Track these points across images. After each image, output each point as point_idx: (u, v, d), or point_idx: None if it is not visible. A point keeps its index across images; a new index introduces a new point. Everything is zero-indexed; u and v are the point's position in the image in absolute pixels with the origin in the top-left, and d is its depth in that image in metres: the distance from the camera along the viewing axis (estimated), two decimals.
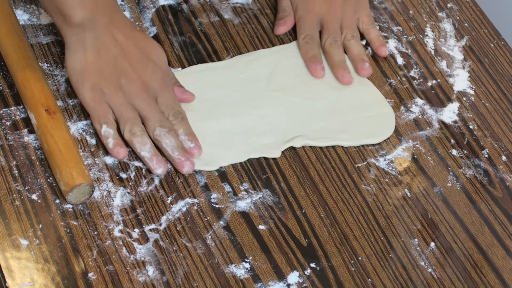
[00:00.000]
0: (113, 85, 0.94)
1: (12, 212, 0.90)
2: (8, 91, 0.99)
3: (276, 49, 1.08)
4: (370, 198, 0.96)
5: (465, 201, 0.98)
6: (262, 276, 0.89)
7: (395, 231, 0.94)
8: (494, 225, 0.96)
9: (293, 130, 1.00)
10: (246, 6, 1.12)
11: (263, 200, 0.94)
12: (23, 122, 0.96)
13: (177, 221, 0.92)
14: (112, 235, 0.90)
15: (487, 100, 1.07)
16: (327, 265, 0.91)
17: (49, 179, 0.92)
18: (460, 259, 0.93)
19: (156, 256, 0.89)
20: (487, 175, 1.00)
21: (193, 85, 1.02)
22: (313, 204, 0.95)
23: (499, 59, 1.12)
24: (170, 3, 1.10)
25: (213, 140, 0.98)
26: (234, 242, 0.91)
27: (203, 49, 1.07)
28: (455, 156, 1.01)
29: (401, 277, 0.91)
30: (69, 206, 0.91)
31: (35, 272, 0.86)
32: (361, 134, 1.01)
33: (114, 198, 0.92)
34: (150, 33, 1.07)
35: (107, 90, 0.94)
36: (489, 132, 1.04)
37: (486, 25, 1.14)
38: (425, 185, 0.98)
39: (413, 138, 1.02)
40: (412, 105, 1.05)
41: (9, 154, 0.94)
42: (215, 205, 0.93)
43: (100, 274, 0.87)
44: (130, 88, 0.94)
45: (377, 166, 0.99)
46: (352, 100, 1.04)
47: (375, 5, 1.14)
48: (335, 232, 0.93)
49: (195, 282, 0.88)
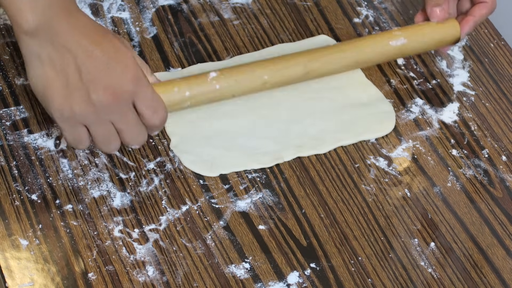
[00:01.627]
0: (82, 102, 0.84)
1: (12, 212, 0.90)
2: (8, 91, 0.99)
3: (276, 49, 1.08)
4: (370, 198, 0.96)
5: (465, 201, 0.98)
6: (262, 276, 0.89)
7: (395, 231, 0.94)
8: (494, 225, 0.96)
9: (293, 132, 1.00)
10: (246, 6, 1.12)
11: (263, 200, 0.94)
12: (23, 122, 0.96)
13: (177, 221, 0.92)
14: (112, 235, 0.90)
15: (487, 100, 1.07)
16: (327, 265, 0.91)
17: (49, 179, 0.92)
18: (460, 259, 0.93)
19: (156, 256, 0.89)
20: (487, 175, 1.00)
21: None
22: (313, 204, 0.95)
23: (499, 59, 1.11)
24: (170, 3, 1.10)
25: (214, 141, 0.98)
26: (234, 242, 0.91)
27: (203, 49, 1.07)
28: (455, 156, 1.01)
29: (401, 277, 0.91)
30: (69, 206, 0.91)
31: (35, 272, 0.86)
32: (361, 130, 1.01)
33: (114, 198, 0.92)
34: (150, 33, 1.07)
35: (78, 109, 0.84)
36: (489, 132, 1.04)
37: (486, 25, 1.14)
38: (425, 185, 0.98)
39: (413, 138, 1.02)
40: (412, 105, 1.05)
41: (9, 154, 0.94)
42: (215, 205, 0.93)
43: (100, 274, 0.87)
44: (102, 101, 0.84)
45: (377, 166, 0.99)
46: (352, 99, 1.04)
47: (375, 5, 1.14)
48: (335, 232, 0.93)
49: (195, 282, 0.88)
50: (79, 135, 0.86)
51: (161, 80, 0.92)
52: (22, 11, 0.82)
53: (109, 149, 0.88)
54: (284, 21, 1.11)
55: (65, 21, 0.84)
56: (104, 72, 0.84)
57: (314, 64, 0.97)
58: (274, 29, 1.10)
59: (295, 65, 0.97)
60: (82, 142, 0.87)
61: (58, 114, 0.85)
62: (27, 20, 0.82)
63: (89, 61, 0.84)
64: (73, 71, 0.84)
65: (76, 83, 0.84)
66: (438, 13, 1.02)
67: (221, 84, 0.94)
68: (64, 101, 0.84)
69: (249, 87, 0.95)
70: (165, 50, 1.06)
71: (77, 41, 0.84)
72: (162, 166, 0.95)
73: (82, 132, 0.86)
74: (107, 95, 0.84)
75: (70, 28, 0.84)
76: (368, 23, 1.12)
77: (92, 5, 1.08)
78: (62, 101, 0.84)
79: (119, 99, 0.85)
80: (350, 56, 0.99)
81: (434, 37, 1.02)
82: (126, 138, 0.87)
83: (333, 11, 1.13)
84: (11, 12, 0.82)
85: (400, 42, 1.00)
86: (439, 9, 1.02)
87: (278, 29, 1.10)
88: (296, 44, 1.09)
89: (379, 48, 1.00)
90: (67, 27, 0.84)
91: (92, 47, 0.84)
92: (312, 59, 0.97)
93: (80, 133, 0.86)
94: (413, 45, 1.01)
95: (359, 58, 1.00)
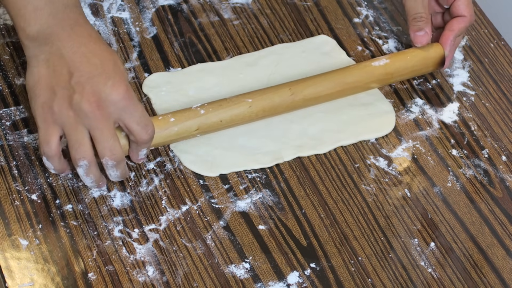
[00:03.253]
0: (65, 102, 0.86)
1: (12, 212, 0.90)
2: (8, 91, 0.99)
3: (276, 49, 1.08)
4: (370, 198, 0.96)
5: (465, 201, 0.98)
6: (262, 276, 0.89)
7: (395, 231, 0.94)
8: (494, 225, 0.96)
9: (293, 132, 1.00)
10: (246, 6, 1.12)
11: (263, 200, 0.94)
12: (23, 122, 0.96)
13: (177, 221, 0.92)
14: (112, 235, 0.90)
15: (487, 100, 1.07)
16: (327, 265, 0.91)
17: (49, 179, 0.92)
18: (460, 259, 0.93)
19: (156, 256, 0.89)
20: (487, 175, 1.00)
21: (193, 85, 1.02)
22: (313, 204, 0.95)
23: (499, 59, 1.11)
24: (170, 3, 1.10)
25: (214, 141, 0.98)
26: (234, 242, 0.91)
27: (203, 49, 1.07)
28: (455, 156, 1.01)
29: (401, 277, 0.91)
30: (69, 207, 0.91)
31: (35, 272, 0.86)
32: (361, 130, 1.01)
33: (114, 198, 0.92)
34: (150, 33, 1.07)
35: (57, 109, 0.86)
36: (489, 132, 1.04)
37: (486, 25, 1.14)
38: (425, 185, 0.98)
39: (413, 138, 1.02)
40: (412, 105, 1.05)
41: (9, 154, 0.94)
42: (215, 205, 0.93)
43: (100, 274, 0.87)
44: (82, 105, 0.85)
45: (377, 166, 0.99)
46: (351, 99, 1.04)
47: (375, 5, 1.14)
48: (335, 232, 0.93)
49: (195, 282, 0.88)
50: (50, 136, 0.87)
51: None
52: (25, 19, 0.86)
53: (79, 154, 0.87)
54: (284, 21, 1.11)
55: (67, 29, 0.87)
56: (96, 79, 0.86)
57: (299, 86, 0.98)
58: (274, 29, 1.10)
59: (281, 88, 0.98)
60: (49, 144, 0.87)
61: (40, 110, 0.86)
62: (29, 27, 0.86)
63: (83, 66, 0.86)
64: (65, 72, 0.86)
65: (64, 83, 0.86)
66: (420, 38, 1.02)
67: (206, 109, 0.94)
68: (47, 99, 0.86)
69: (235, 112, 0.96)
70: (165, 50, 1.06)
71: (75, 48, 0.87)
72: (162, 166, 0.95)
73: (54, 133, 0.86)
74: (91, 102, 0.85)
75: (71, 36, 0.87)
76: (368, 23, 1.12)
77: (92, 5, 1.08)
78: (46, 98, 0.86)
79: (101, 110, 0.86)
80: (334, 78, 1.00)
81: (417, 55, 1.02)
82: (100, 146, 0.87)
83: (333, 11, 1.13)
84: (17, 19, 0.87)
85: (383, 62, 1.01)
86: (421, 34, 1.02)
87: (278, 29, 1.10)
88: (296, 44, 1.09)
89: (362, 68, 1.01)
90: (68, 34, 0.87)
91: (90, 55, 0.87)
92: (297, 83, 0.98)
93: (51, 134, 0.87)
94: (396, 66, 1.02)
95: (345, 80, 1.00)
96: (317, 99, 0.99)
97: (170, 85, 1.02)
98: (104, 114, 0.86)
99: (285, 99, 0.97)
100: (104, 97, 0.86)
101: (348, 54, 1.09)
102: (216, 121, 0.95)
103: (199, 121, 0.94)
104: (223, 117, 0.95)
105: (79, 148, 0.86)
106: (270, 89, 0.97)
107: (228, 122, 0.96)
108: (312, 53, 1.08)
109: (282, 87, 0.98)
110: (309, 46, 1.09)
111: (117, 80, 0.86)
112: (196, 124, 0.94)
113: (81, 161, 0.87)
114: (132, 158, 0.92)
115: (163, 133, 0.93)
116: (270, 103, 0.97)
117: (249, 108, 0.96)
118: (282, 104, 0.97)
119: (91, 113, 0.85)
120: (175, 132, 0.93)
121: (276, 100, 0.97)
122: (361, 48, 1.10)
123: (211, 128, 0.95)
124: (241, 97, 0.96)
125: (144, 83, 1.02)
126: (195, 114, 0.94)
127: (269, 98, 0.97)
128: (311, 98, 0.99)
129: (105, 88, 0.86)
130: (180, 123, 0.93)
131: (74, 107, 0.85)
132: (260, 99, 0.96)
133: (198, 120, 0.94)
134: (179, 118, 0.94)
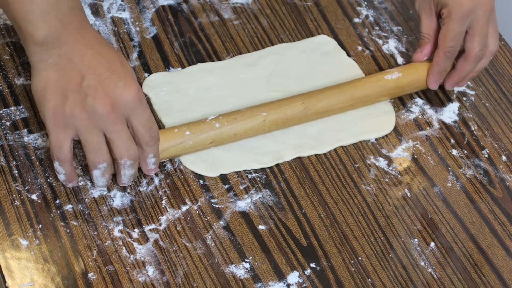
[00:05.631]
0: (78, 106, 0.85)
1: (12, 212, 0.90)
2: (8, 91, 0.99)
3: (276, 49, 1.08)
4: (370, 198, 0.96)
5: (465, 201, 0.98)
6: (262, 276, 0.89)
7: (395, 231, 0.94)
8: (494, 225, 0.96)
9: (293, 132, 1.00)
10: (246, 6, 1.12)
11: (263, 200, 0.94)
12: (23, 122, 0.96)
13: (177, 221, 0.92)
14: (112, 235, 0.90)
15: (487, 100, 1.07)
16: (327, 265, 0.91)
17: (49, 179, 0.92)
18: (460, 259, 0.93)
19: (156, 256, 0.89)
20: (487, 175, 1.00)
21: (193, 85, 1.02)
22: (313, 204, 0.95)
23: (499, 59, 1.11)
24: (170, 3, 1.10)
25: None
26: (234, 242, 0.91)
27: (203, 49, 1.07)
28: (455, 156, 1.01)
29: (401, 277, 0.91)
30: (69, 206, 0.91)
31: (35, 272, 0.86)
32: (361, 130, 1.01)
33: (114, 198, 0.92)
34: (150, 33, 1.07)
35: (70, 112, 0.85)
36: (489, 132, 1.04)
37: None
38: (425, 185, 0.98)
39: (413, 138, 1.02)
40: (412, 105, 1.05)
41: (9, 154, 0.94)
42: (215, 205, 0.93)
43: (100, 274, 0.87)
44: (97, 108, 0.85)
45: (377, 166, 0.99)
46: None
47: (375, 5, 1.14)
48: (335, 232, 0.93)
49: (195, 282, 0.88)
50: (62, 141, 0.86)
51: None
52: (33, 24, 0.85)
53: (99, 158, 0.87)
54: (284, 21, 1.11)
55: (74, 32, 0.87)
56: (107, 82, 0.86)
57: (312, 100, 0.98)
58: (274, 29, 1.10)
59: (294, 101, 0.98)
60: (62, 149, 0.86)
61: (51, 114, 0.85)
62: (37, 32, 0.85)
63: (93, 69, 0.86)
64: (76, 76, 0.85)
65: (76, 87, 0.85)
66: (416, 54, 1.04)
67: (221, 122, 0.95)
68: (59, 102, 0.85)
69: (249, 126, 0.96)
70: (165, 50, 1.06)
71: (83, 50, 0.86)
72: (162, 166, 0.95)
73: (66, 138, 0.86)
74: (105, 104, 0.85)
75: (78, 39, 0.87)
76: (368, 23, 1.12)
77: (92, 5, 1.08)
78: (57, 102, 0.85)
79: (116, 112, 0.86)
80: (347, 91, 1.00)
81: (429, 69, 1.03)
82: (118, 149, 0.87)
83: (333, 11, 1.13)
84: (23, 24, 0.85)
85: (395, 75, 1.02)
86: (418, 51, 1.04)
87: (278, 29, 1.10)
88: (296, 44, 1.09)
89: (374, 81, 1.02)
90: (74, 38, 0.86)
91: (98, 57, 0.86)
92: (310, 96, 0.99)
93: (64, 139, 0.86)
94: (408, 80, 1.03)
95: (357, 93, 1.01)
96: (329, 112, 1.00)
97: (170, 85, 1.02)
98: (118, 116, 0.86)
99: (298, 113, 0.98)
100: (117, 98, 0.86)
101: (348, 54, 1.09)
102: (230, 134, 0.95)
103: (214, 135, 0.95)
104: (238, 130, 0.96)
105: (98, 152, 0.87)
106: (283, 102, 0.98)
107: (242, 135, 0.96)
108: (312, 53, 1.08)
109: (295, 100, 0.98)
110: (309, 46, 1.09)
111: (128, 80, 0.87)
112: (211, 138, 0.95)
113: (101, 164, 0.87)
114: (142, 168, 0.91)
115: (179, 146, 0.93)
116: (283, 117, 0.98)
117: (262, 122, 0.96)
118: (295, 117, 0.98)
119: (106, 115, 0.85)
120: (190, 146, 0.94)
121: (289, 114, 0.98)
122: (361, 48, 1.10)
123: (225, 141, 0.96)
124: (255, 110, 0.97)
125: (144, 83, 1.02)
126: (210, 127, 0.95)
127: (282, 112, 0.97)
128: (323, 111, 0.99)
129: (116, 89, 0.86)
130: (195, 136, 0.94)
131: (88, 110, 0.85)
132: (274, 113, 0.97)
133: (213, 133, 0.95)
134: (194, 131, 0.94)
